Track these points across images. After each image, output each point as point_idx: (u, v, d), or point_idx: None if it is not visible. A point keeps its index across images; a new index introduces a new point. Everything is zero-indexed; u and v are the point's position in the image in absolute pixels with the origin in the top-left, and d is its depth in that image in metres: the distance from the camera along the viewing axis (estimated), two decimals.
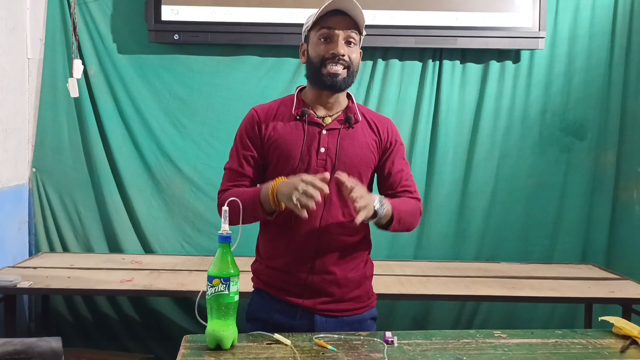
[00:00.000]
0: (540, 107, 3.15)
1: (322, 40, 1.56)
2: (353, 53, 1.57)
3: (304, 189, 1.37)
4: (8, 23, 2.86)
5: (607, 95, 3.15)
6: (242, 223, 1.44)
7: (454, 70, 3.12)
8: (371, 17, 2.92)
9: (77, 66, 2.94)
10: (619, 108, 3.13)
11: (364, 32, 1.60)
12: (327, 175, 1.42)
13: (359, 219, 1.41)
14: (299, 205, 1.37)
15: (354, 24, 1.55)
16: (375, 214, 1.48)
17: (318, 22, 1.57)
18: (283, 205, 1.45)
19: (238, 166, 1.60)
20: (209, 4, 2.95)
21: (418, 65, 3.12)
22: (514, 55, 3.13)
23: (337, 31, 1.54)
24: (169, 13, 2.95)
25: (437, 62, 3.11)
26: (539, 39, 3.01)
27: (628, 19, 3.11)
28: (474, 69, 3.13)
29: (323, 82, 1.56)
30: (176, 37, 2.95)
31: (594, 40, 3.13)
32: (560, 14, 3.11)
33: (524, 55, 3.13)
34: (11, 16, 2.89)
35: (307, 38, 1.62)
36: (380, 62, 3.09)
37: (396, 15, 2.97)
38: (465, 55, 3.12)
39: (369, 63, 3.09)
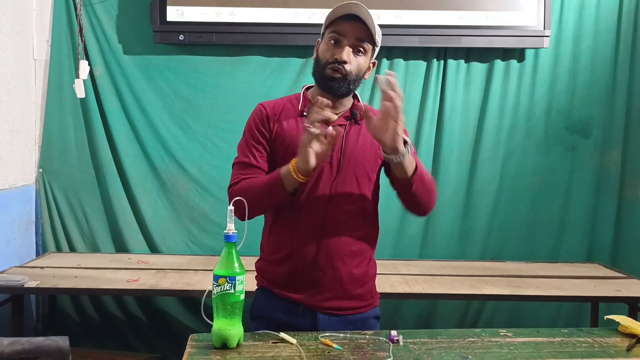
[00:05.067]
0: (545, 106, 3.15)
1: (331, 42, 1.56)
2: (358, 64, 1.56)
3: (310, 131, 1.38)
4: (14, 25, 2.88)
5: (612, 93, 3.14)
6: (256, 211, 1.44)
7: (459, 69, 3.11)
8: (375, 16, 2.90)
9: (83, 67, 2.95)
10: (624, 106, 3.13)
11: (379, 43, 1.59)
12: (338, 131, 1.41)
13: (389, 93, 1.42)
14: (319, 142, 1.39)
15: (365, 32, 1.54)
16: (397, 154, 1.45)
17: (332, 24, 1.57)
18: (303, 178, 1.44)
19: (248, 158, 1.58)
20: (214, 4, 2.96)
21: (422, 64, 3.12)
22: (518, 54, 3.13)
23: (346, 37, 1.54)
24: (174, 14, 2.96)
25: (442, 62, 3.11)
26: (544, 38, 3.00)
27: (633, 17, 3.10)
28: (479, 68, 3.13)
29: (323, 83, 1.57)
30: (181, 37, 2.97)
31: (599, 39, 3.12)
32: (565, 12, 3.10)
33: (529, 54, 3.13)
34: (17, 18, 2.91)
35: (323, 35, 1.62)
36: (385, 62, 3.09)
37: (400, 15, 2.97)
38: (469, 54, 3.12)
39: None
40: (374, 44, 1.58)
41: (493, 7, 3.01)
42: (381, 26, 1.63)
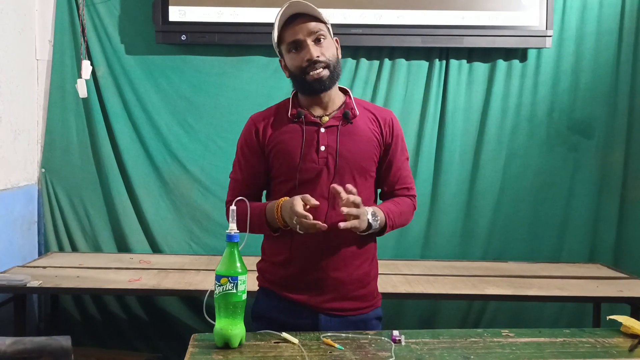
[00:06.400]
0: (548, 106, 3.14)
1: (293, 51, 1.58)
2: (328, 49, 1.57)
3: (299, 223, 1.44)
4: (17, 25, 2.88)
5: (614, 93, 3.13)
6: (250, 233, 1.48)
7: (461, 69, 3.11)
8: (377, 16, 2.92)
9: (86, 67, 2.96)
10: (626, 106, 3.12)
11: (328, 20, 1.60)
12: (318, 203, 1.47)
13: (345, 225, 1.45)
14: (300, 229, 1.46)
15: (311, 19, 1.56)
16: (369, 226, 1.51)
17: (281, 37, 1.58)
18: (283, 227, 1.53)
19: (240, 177, 1.65)
20: (216, 4, 2.96)
21: (425, 64, 3.11)
22: (521, 54, 3.12)
23: (301, 37, 1.55)
24: (176, 14, 2.96)
25: (444, 62, 3.10)
26: (546, 38, 3.00)
27: (635, 17, 3.10)
28: (481, 68, 3.13)
29: (311, 88, 1.58)
30: (183, 37, 2.97)
31: (601, 39, 3.11)
32: (567, 12, 3.10)
33: (531, 54, 3.12)
34: (20, 18, 2.91)
35: (281, 53, 1.63)
36: (387, 62, 3.09)
37: (402, 15, 2.97)
38: (472, 55, 3.12)
39: (376, 63, 3.09)
40: (324, 22, 1.59)
41: (495, 7, 3.01)
42: (383, 26, 1.64)
